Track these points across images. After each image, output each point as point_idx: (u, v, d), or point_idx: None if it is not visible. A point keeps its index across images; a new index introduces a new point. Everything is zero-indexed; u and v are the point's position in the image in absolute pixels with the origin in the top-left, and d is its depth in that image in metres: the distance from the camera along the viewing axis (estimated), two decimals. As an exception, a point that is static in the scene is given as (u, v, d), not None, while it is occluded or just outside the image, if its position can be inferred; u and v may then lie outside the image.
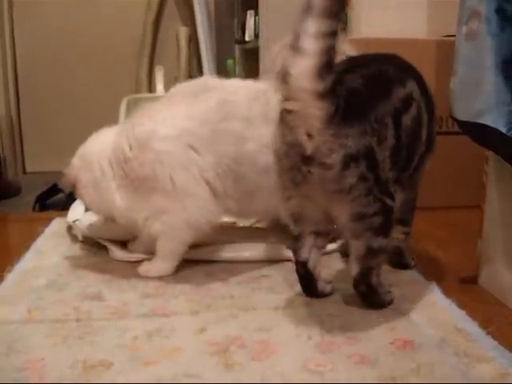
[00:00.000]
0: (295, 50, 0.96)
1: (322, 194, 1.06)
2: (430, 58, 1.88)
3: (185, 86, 1.40)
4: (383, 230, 1.09)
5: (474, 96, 1.14)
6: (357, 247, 1.10)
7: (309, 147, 1.02)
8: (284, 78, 1.00)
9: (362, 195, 1.05)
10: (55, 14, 2.61)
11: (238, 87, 1.38)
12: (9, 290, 1.27)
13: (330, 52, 0.97)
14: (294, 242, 1.16)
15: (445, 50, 1.86)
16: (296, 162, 1.05)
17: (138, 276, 1.32)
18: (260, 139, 1.29)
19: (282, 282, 1.27)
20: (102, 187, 1.32)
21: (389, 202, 1.08)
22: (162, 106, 1.34)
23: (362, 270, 1.10)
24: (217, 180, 1.29)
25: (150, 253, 1.35)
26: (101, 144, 1.36)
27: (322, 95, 0.99)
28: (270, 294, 1.21)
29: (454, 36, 1.22)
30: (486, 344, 1.01)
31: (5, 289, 1.27)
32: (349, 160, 1.02)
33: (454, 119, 1.20)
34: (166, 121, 1.30)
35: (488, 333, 1.04)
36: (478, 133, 1.15)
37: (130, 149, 1.29)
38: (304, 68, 0.97)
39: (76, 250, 1.51)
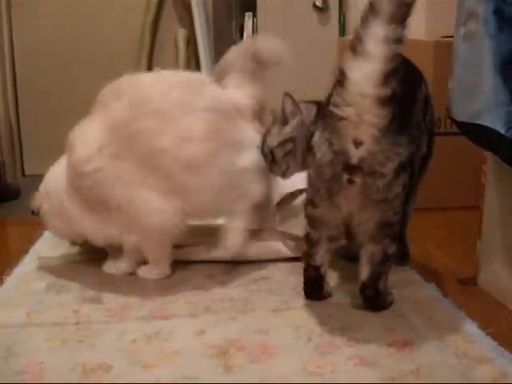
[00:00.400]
0: (358, 54, 0.93)
1: (360, 202, 1.03)
2: (428, 59, 1.87)
3: (102, 94, 1.34)
4: (397, 237, 1.10)
5: (472, 97, 1.14)
6: (374, 252, 1.09)
7: (355, 156, 0.99)
8: (341, 82, 0.96)
9: (400, 204, 1.04)
10: (54, 16, 2.61)
11: (156, 80, 1.32)
12: (8, 293, 1.27)
13: (396, 58, 0.94)
14: (311, 247, 1.14)
15: (443, 50, 1.86)
16: (338, 172, 1.01)
17: (137, 279, 1.32)
18: (178, 132, 1.23)
19: (280, 284, 1.27)
20: (66, 215, 1.32)
21: (406, 209, 1.08)
22: (84, 122, 1.31)
23: (373, 275, 1.10)
24: (151, 180, 1.24)
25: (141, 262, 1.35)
26: (60, 171, 1.34)
27: (384, 102, 0.95)
28: (269, 296, 1.21)
29: (452, 37, 1.22)
30: (486, 345, 1.01)
31: (4, 292, 1.27)
32: (400, 169, 1.01)
33: (453, 120, 1.20)
34: (86, 139, 1.28)
35: (487, 334, 1.04)
36: (477, 133, 1.15)
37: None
38: (369, 73, 0.94)
39: (75, 253, 1.51)
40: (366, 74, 0.94)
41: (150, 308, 1.17)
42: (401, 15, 0.92)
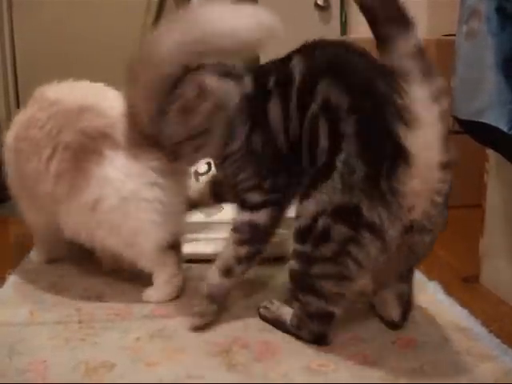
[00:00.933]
0: (412, 125, 0.84)
1: (404, 256, 0.98)
2: (430, 57, 1.87)
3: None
4: None
5: (475, 95, 1.14)
6: (404, 291, 1.06)
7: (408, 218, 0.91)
8: (404, 159, 0.86)
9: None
10: (55, 16, 2.61)
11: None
12: (11, 292, 1.27)
13: (446, 113, 0.86)
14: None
15: (445, 49, 1.86)
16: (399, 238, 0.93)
17: (140, 278, 1.32)
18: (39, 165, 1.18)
19: (283, 283, 1.27)
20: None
21: None
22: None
23: (405, 314, 1.06)
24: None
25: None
26: None
27: (448, 165, 0.88)
28: (272, 294, 1.21)
29: (455, 35, 1.22)
30: (489, 343, 1.01)
31: (7, 291, 1.27)
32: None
33: (455, 118, 1.20)
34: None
35: (490, 331, 1.04)
36: (479, 131, 1.15)
37: None
38: (429, 140, 0.85)
39: (77, 252, 1.51)
40: (427, 142, 0.86)
41: (153, 307, 1.17)
42: (429, 66, 0.87)
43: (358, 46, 1.06)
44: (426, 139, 0.85)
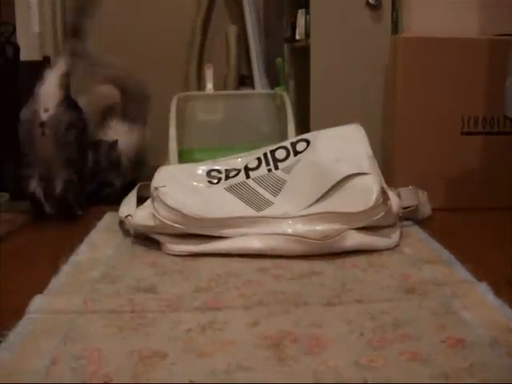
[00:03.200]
0: None
1: None
2: (481, 58, 1.86)
3: None
4: None
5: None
6: None
7: None
8: None
9: None
10: (107, 12, 2.65)
11: None
12: (64, 281, 1.30)
13: None
14: None
15: (497, 49, 1.85)
16: None
17: (191, 270, 1.34)
18: None
19: (332, 279, 1.28)
20: None
21: None
22: None
23: None
24: None
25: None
26: None
27: None
28: (321, 291, 1.22)
29: (507, 35, 1.21)
30: (540, 345, 1.00)
31: (61, 280, 1.30)
32: None
33: (509, 119, 1.19)
34: None
35: (540, 334, 1.03)
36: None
37: None
38: None
39: (128, 243, 1.54)
40: None
41: (204, 299, 1.18)
42: None
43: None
44: None
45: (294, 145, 1.66)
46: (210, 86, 2.19)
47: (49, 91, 1.80)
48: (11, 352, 0.97)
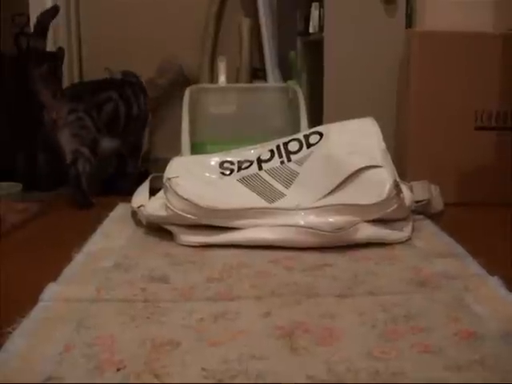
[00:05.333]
0: None
1: None
2: (495, 53, 1.86)
3: None
4: None
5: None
6: None
7: None
8: None
9: None
10: (120, 6, 2.65)
11: None
12: (78, 270, 1.31)
13: None
14: None
15: (511, 44, 1.84)
16: None
17: (203, 260, 1.35)
18: None
19: (345, 271, 1.28)
20: None
21: None
22: None
23: None
24: None
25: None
26: None
27: None
28: (333, 282, 1.22)
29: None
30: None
31: (74, 269, 1.31)
32: None
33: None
34: None
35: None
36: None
37: None
38: None
39: (141, 234, 1.55)
40: None
41: (216, 289, 1.19)
42: None
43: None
44: None
45: (307, 137, 1.66)
46: (222, 78, 2.19)
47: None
48: (25, 338, 0.98)
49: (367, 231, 1.43)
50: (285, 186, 1.57)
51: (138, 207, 1.59)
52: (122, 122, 2.08)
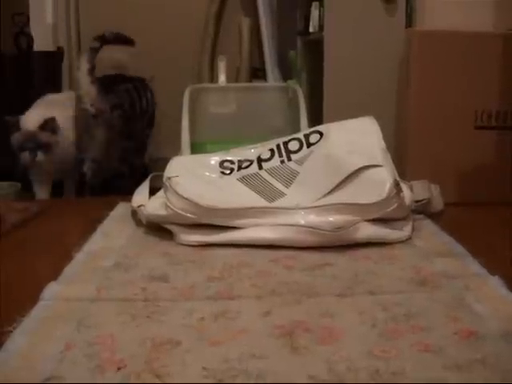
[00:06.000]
0: None
1: None
2: (496, 52, 1.86)
3: None
4: None
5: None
6: None
7: None
8: None
9: None
10: (120, 6, 2.66)
11: None
12: (78, 269, 1.31)
13: None
14: None
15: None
16: None
17: (203, 259, 1.35)
18: None
19: (345, 270, 1.28)
20: None
21: None
22: None
23: None
24: None
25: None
26: None
27: None
28: (333, 282, 1.22)
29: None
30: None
31: (74, 268, 1.31)
32: None
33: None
34: None
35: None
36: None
37: None
38: None
39: (141, 233, 1.55)
40: None
41: (216, 288, 1.19)
42: None
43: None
44: None
45: (307, 136, 1.66)
46: (222, 78, 2.19)
47: (85, 89, 2.10)
48: (26, 337, 0.98)
49: (367, 230, 1.43)
50: (285, 186, 1.57)
51: (138, 206, 1.59)
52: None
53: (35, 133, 2.00)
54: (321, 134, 1.65)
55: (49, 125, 2.01)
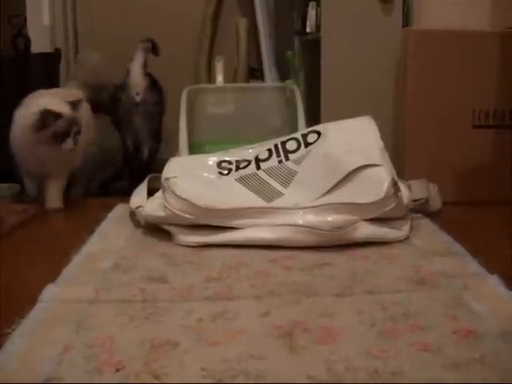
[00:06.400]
0: None
1: None
2: (493, 51, 1.86)
3: None
4: None
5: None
6: None
7: None
8: None
9: None
10: (118, 6, 2.65)
11: None
12: (76, 270, 1.31)
13: None
14: None
15: (509, 42, 1.85)
16: None
17: (202, 260, 1.35)
18: None
19: (343, 270, 1.28)
20: None
21: None
22: None
23: None
24: None
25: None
26: None
27: None
28: (332, 281, 1.22)
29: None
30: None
31: (72, 270, 1.31)
32: None
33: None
34: None
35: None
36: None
37: None
38: None
39: (139, 234, 1.55)
40: None
41: (215, 289, 1.19)
42: None
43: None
44: None
45: (304, 136, 1.66)
46: (220, 78, 2.19)
47: (137, 80, 2.20)
48: (25, 339, 0.98)
49: (366, 230, 1.43)
50: (283, 186, 1.57)
51: (137, 208, 1.59)
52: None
53: (75, 116, 1.81)
54: (318, 133, 1.65)
55: (79, 106, 1.85)
